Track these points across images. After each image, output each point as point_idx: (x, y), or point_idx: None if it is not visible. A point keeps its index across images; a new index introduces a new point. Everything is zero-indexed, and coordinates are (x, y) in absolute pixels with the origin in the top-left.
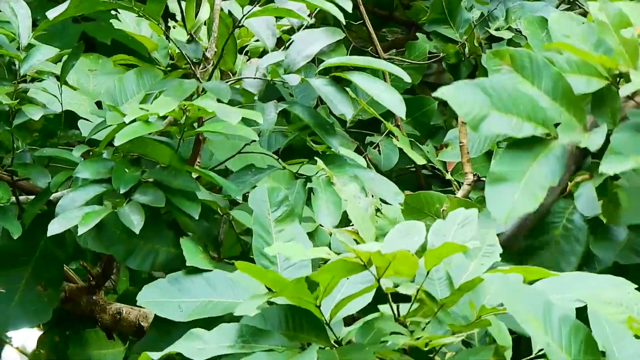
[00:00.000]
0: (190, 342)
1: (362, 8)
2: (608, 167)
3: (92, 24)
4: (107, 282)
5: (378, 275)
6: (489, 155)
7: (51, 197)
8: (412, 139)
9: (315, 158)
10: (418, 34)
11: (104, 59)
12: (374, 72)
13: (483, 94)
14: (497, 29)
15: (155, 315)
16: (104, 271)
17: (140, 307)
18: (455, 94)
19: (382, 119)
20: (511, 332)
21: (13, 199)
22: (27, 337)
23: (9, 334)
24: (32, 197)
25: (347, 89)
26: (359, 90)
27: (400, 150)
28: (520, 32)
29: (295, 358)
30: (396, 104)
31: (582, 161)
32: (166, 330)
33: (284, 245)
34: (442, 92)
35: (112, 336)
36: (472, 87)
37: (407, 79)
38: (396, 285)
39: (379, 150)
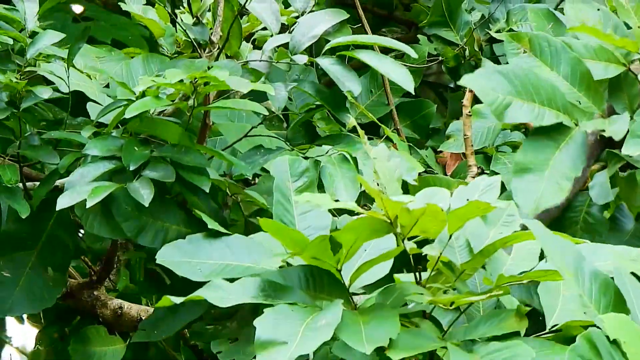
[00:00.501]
0: (212, 290)
1: (360, 11)
2: (631, 149)
3: (92, 23)
4: (107, 281)
5: (403, 235)
6: (487, 158)
7: (57, 183)
8: (411, 143)
9: (349, 116)
10: (419, 36)
11: (116, 51)
12: None
13: (506, 81)
14: (498, 31)
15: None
16: (105, 266)
17: (140, 300)
18: (480, 82)
19: (380, 124)
20: None
21: (20, 185)
22: (27, 336)
23: (9, 333)
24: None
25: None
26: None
27: None
28: None
29: (320, 312)
30: (405, 79)
31: (599, 154)
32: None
33: (312, 195)
34: (466, 81)
35: (114, 332)
36: (495, 74)
37: (413, 54)
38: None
39: None
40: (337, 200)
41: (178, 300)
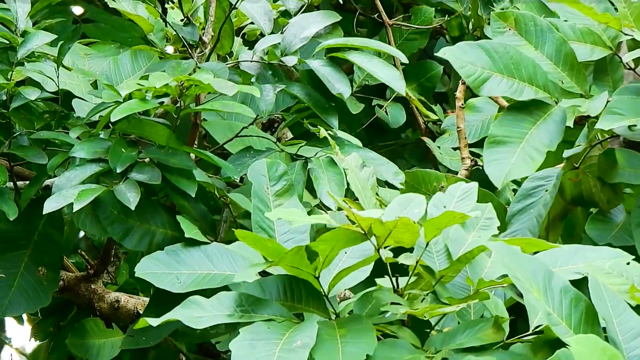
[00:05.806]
0: (188, 309)
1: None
2: (604, 124)
3: (91, 25)
4: (106, 274)
5: (378, 245)
6: None
7: (48, 182)
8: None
9: (319, 127)
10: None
11: (125, 48)
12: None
13: (486, 55)
14: (502, 9)
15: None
16: (102, 259)
17: (139, 295)
18: (458, 55)
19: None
20: (509, 310)
21: (11, 184)
22: (26, 337)
23: (8, 334)
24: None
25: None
26: None
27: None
28: None
29: (295, 329)
30: (394, 79)
31: None
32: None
33: (284, 211)
34: (444, 53)
35: (111, 325)
36: (475, 48)
37: (404, 59)
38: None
39: (386, 112)
40: (319, 204)
41: (155, 322)
